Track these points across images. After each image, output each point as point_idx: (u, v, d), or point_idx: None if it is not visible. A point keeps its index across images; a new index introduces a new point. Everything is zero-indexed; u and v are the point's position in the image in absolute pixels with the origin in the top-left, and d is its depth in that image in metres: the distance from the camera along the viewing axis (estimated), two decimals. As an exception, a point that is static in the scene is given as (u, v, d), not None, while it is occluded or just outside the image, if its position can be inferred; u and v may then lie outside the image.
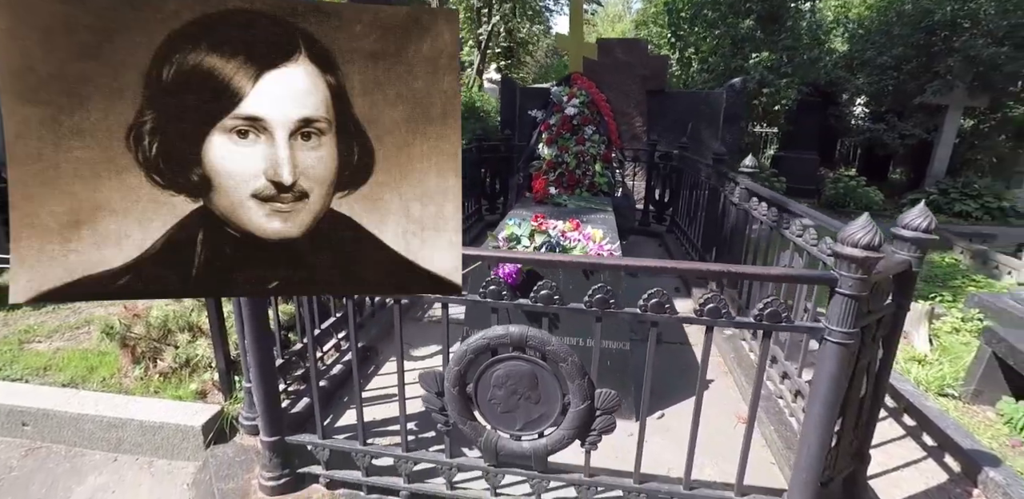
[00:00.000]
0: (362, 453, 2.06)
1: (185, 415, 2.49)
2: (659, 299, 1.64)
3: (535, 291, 1.73)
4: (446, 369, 1.83)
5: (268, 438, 2.07)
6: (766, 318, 1.60)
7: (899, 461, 2.66)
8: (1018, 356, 2.80)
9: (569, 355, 1.72)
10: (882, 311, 1.74)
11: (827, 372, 1.58)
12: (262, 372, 2.01)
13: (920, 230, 1.70)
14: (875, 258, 1.44)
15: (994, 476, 2.39)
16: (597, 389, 1.77)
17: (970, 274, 5.58)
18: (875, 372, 1.88)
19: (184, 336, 2.95)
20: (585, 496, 1.92)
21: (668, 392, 2.99)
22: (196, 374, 2.91)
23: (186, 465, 2.46)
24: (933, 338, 3.88)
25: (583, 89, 5.48)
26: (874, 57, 9.91)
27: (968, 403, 3.09)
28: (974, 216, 8.04)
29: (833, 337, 1.55)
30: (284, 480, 2.11)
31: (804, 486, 1.73)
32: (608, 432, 1.81)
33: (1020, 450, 2.67)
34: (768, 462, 2.49)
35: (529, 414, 1.83)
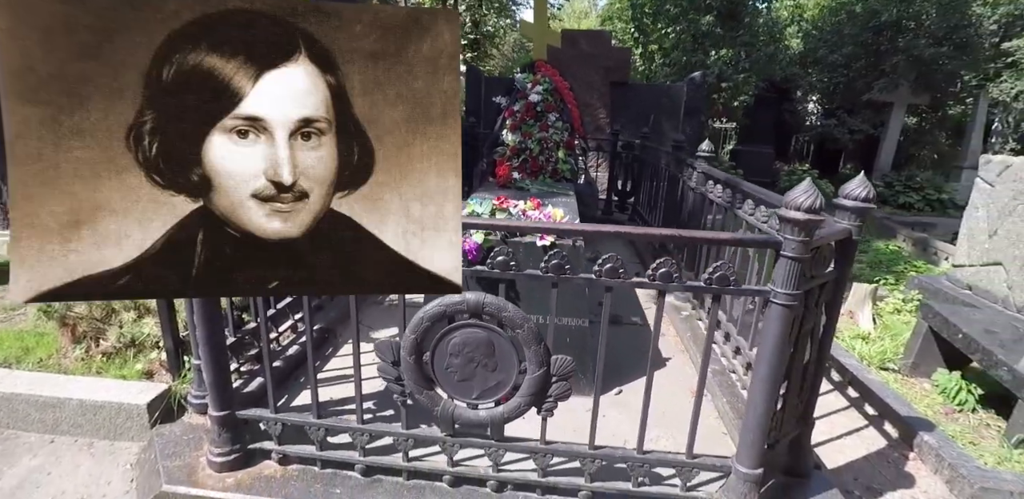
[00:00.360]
0: (316, 426, 2.02)
1: (129, 394, 2.39)
2: (613, 264, 1.66)
3: (491, 258, 1.72)
4: (402, 337, 1.81)
5: (217, 412, 2.01)
6: (715, 281, 1.64)
7: (843, 430, 2.79)
8: (951, 328, 2.96)
9: (525, 321, 1.72)
10: (824, 277, 1.81)
11: (773, 333, 1.63)
12: (211, 345, 1.94)
13: (860, 199, 1.77)
14: (816, 220, 1.49)
15: (928, 439, 2.52)
16: (553, 356, 1.78)
17: (912, 260, 5.86)
18: (819, 338, 1.96)
19: (129, 315, 2.83)
20: (542, 464, 1.94)
21: (626, 370, 3.04)
22: (142, 354, 2.80)
23: (129, 446, 2.37)
24: (876, 318, 4.07)
25: (547, 76, 5.49)
26: (826, 55, 10.28)
27: (907, 376, 3.25)
28: (916, 207, 8.46)
29: (778, 299, 1.60)
30: (234, 456, 2.05)
31: (751, 446, 1.79)
32: (564, 398, 1.83)
33: (952, 416, 2.83)
34: (720, 432, 2.56)
35: (486, 382, 1.83)
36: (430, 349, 1.81)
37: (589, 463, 1.91)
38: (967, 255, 4.10)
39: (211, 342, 1.95)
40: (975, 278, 4.02)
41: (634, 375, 3.04)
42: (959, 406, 2.91)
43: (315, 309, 3.49)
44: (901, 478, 2.45)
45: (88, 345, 2.80)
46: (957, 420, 2.82)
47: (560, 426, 2.31)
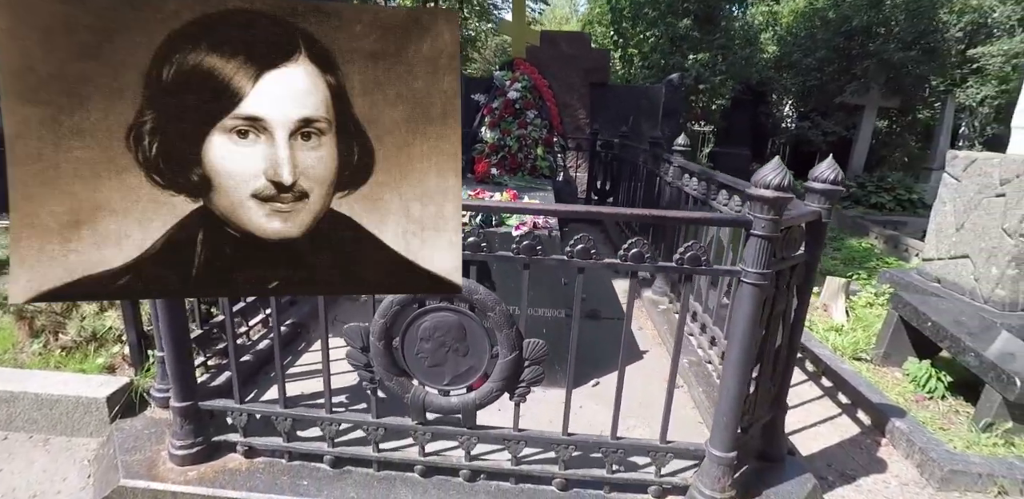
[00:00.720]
0: (283, 417, 1.97)
1: (88, 387, 2.30)
2: (585, 245, 1.65)
3: (463, 239, 1.69)
4: (371, 322, 1.77)
5: (179, 403, 1.94)
6: (687, 261, 1.63)
7: (817, 418, 2.81)
8: (920, 317, 3.00)
9: (497, 304, 1.70)
10: (795, 259, 1.82)
11: (743, 313, 1.63)
12: (173, 331, 1.88)
13: (828, 182, 1.78)
14: (785, 197, 1.49)
15: (899, 425, 2.55)
16: (525, 339, 1.76)
17: (884, 257, 5.97)
18: (790, 321, 1.96)
19: (91, 307, 2.74)
20: (515, 452, 1.91)
21: (603, 362, 3.03)
22: (104, 348, 2.70)
23: (88, 442, 2.28)
24: (849, 311, 4.12)
25: (525, 74, 5.49)
26: (800, 59, 10.48)
27: (879, 365, 3.29)
28: (888, 207, 8.63)
29: (749, 278, 1.60)
30: (196, 449, 1.98)
31: (724, 429, 1.78)
32: (537, 383, 1.81)
33: (923, 404, 2.87)
34: (696, 422, 2.56)
35: (457, 367, 1.80)
36: (400, 334, 1.78)
37: (563, 450, 1.89)
38: (935, 249, 4.18)
39: (173, 328, 1.88)
40: (943, 271, 4.10)
41: (612, 367, 3.03)
42: (929, 394, 2.94)
43: (288, 304, 3.42)
44: (873, 463, 2.47)
45: (47, 339, 2.70)
46: (927, 407, 2.86)
47: (535, 417, 2.29)
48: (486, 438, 1.92)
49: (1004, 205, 3.62)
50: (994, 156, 3.75)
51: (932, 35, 9.74)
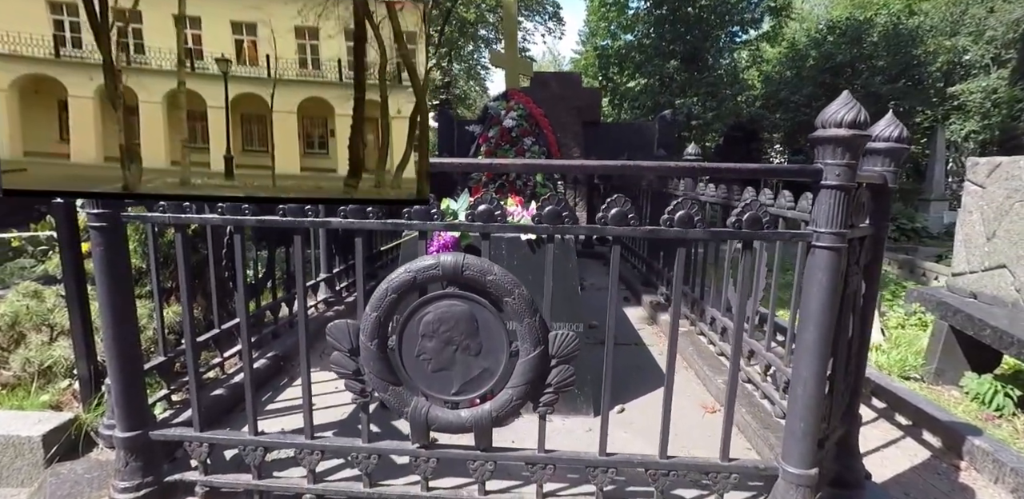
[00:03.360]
0: (253, 446, 1.59)
1: (23, 425, 1.92)
2: (621, 208, 1.37)
3: (471, 208, 1.41)
4: (362, 317, 1.45)
5: (124, 433, 1.57)
6: (746, 224, 1.35)
7: (879, 442, 2.43)
8: (976, 324, 2.70)
9: (516, 286, 1.39)
10: (863, 231, 1.54)
11: (820, 286, 1.33)
12: (118, 343, 1.54)
13: (893, 140, 1.54)
14: (863, 135, 1.24)
15: (980, 444, 2.18)
16: (552, 331, 1.43)
17: (900, 282, 5.71)
18: (860, 308, 1.66)
19: (39, 337, 2.38)
20: (539, 477, 1.53)
21: (626, 389, 2.72)
22: (52, 384, 2.32)
23: (17, 493, 1.86)
24: (884, 329, 3.80)
25: (520, 103, 5.43)
26: (788, 97, 10.70)
27: (931, 384, 2.94)
28: (892, 237, 8.49)
29: (822, 241, 1.32)
30: (145, 491, 1.58)
31: (801, 439, 1.42)
32: (566, 387, 1.46)
33: (994, 423, 2.50)
34: (744, 447, 2.18)
35: (468, 371, 1.46)
36: (397, 332, 1.45)
37: (602, 474, 1.51)
38: (966, 261, 3.92)
39: (118, 339, 1.54)
40: (979, 284, 3.81)
41: (636, 393, 2.71)
42: (997, 412, 2.59)
43: (271, 336, 3.07)
44: (958, 491, 2.08)
45: (-15, 375, 2.32)
46: (1000, 426, 2.49)
47: (557, 442, 1.93)
48: (505, 463, 1.54)
49: (1038, 208, 3.40)
50: (1020, 158, 3.58)
51: (916, 68, 10.01)
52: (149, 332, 2.46)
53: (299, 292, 1.60)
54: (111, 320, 1.53)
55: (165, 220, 1.53)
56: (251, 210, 1.49)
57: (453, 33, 15.23)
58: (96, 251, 1.49)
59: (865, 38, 10.04)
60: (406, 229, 1.44)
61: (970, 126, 11.98)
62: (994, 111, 11.54)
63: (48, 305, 2.50)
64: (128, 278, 1.57)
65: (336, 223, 1.45)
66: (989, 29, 12.25)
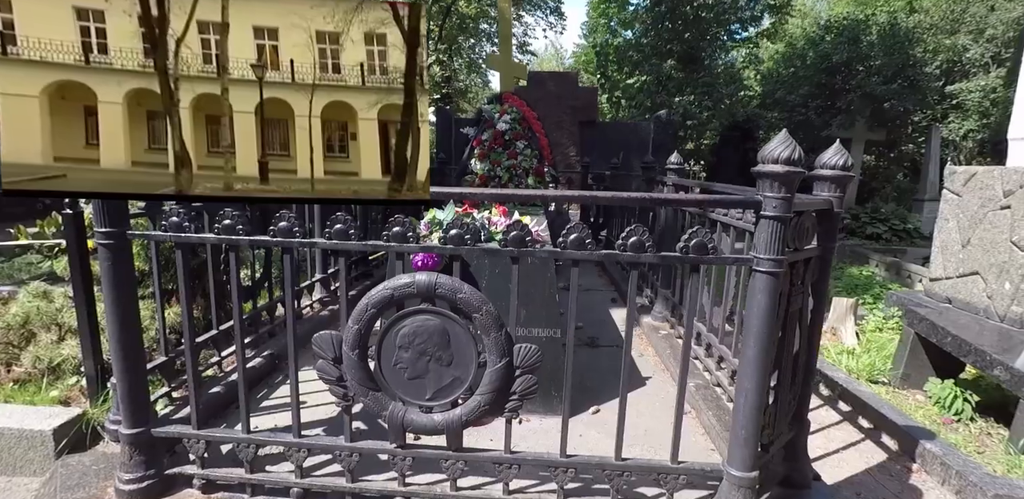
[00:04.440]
0: (245, 443, 1.74)
1: (35, 419, 2.07)
2: (579, 234, 1.50)
3: (444, 232, 1.55)
4: (344, 329, 1.59)
5: (129, 430, 1.72)
6: (692, 250, 1.49)
7: (839, 443, 2.57)
8: (939, 332, 2.83)
9: (483, 304, 1.53)
10: (808, 253, 1.67)
11: (759, 306, 1.47)
12: (124, 346, 1.68)
13: (838, 168, 1.66)
14: (796, 172, 1.36)
15: (931, 448, 2.32)
16: (517, 344, 1.57)
17: (886, 284, 5.83)
18: (807, 325, 1.79)
19: (49, 336, 2.53)
20: (505, 477, 1.68)
21: (603, 390, 2.84)
22: (61, 380, 2.48)
23: (30, 481, 2.02)
24: (859, 334, 3.93)
25: (514, 106, 5.53)
26: (784, 96, 10.75)
27: (897, 388, 3.08)
28: (884, 238, 8.58)
29: (762, 267, 1.45)
30: (147, 482, 1.74)
31: (743, 444, 1.57)
32: (529, 395, 1.61)
33: (951, 427, 2.64)
34: (708, 449, 2.33)
35: (440, 379, 1.60)
36: (376, 343, 1.59)
37: (562, 474, 1.66)
38: (943, 267, 4.04)
39: (124, 341, 1.69)
40: (953, 290, 3.94)
41: (612, 396, 2.83)
42: (956, 416, 2.73)
43: (267, 335, 3.21)
44: (908, 491, 2.22)
45: (-2, 371, 2.48)
46: (956, 430, 2.63)
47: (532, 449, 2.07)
48: (475, 463, 1.69)
49: (1011, 217, 3.51)
50: (994, 169, 3.69)
51: (912, 69, 10.05)
52: (152, 332, 2.61)
53: (287, 307, 1.74)
54: (117, 327, 1.67)
55: (166, 239, 1.67)
56: (244, 230, 1.62)
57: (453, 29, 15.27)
58: (104, 266, 1.63)
59: (863, 38, 10.07)
60: (385, 251, 1.57)
61: (968, 125, 12.02)
62: (993, 110, 11.57)
63: (56, 305, 2.65)
64: (132, 288, 1.71)
65: (322, 244, 1.59)
66: (989, 27, 12.25)
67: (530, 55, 22.67)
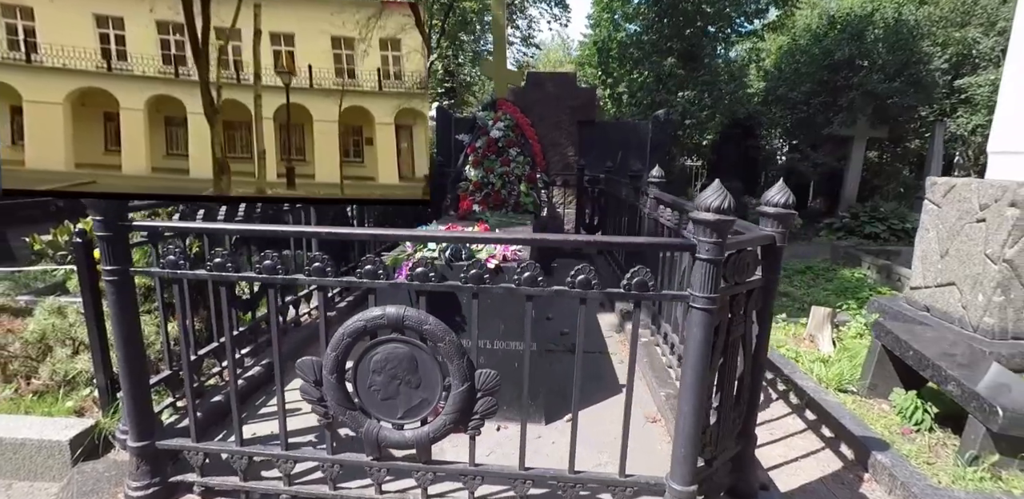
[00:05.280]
0: (238, 455, 1.94)
1: (53, 430, 2.28)
2: (532, 273, 1.66)
3: (411, 269, 1.71)
4: (323, 356, 1.77)
5: (136, 443, 1.92)
6: (634, 287, 1.64)
7: (799, 452, 2.72)
8: (902, 346, 2.95)
9: (447, 334, 1.70)
10: (750, 284, 1.82)
11: (695, 339, 1.62)
12: (130, 368, 1.88)
13: (780, 205, 1.80)
14: (726, 221, 1.51)
15: (881, 459, 2.47)
16: (478, 370, 1.74)
17: (876, 287, 5.92)
18: (751, 349, 1.94)
19: (64, 350, 2.74)
20: (471, 487, 1.86)
21: (582, 397, 2.97)
22: (75, 392, 2.69)
23: (49, 486, 2.24)
24: (837, 341, 4.06)
25: (508, 113, 5.65)
26: (786, 93, 10.74)
27: (865, 397, 3.21)
28: (882, 237, 8.62)
29: (697, 304, 1.60)
30: (153, 490, 1.94)
31: (683, 461, 1.73)
32: (490, 415, 1.78)
33: (910, 437, 2.78)
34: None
35: (410, 400, 1.78)
36: (352, 367, 1.77)
37: (520, 485, 1.83)
38: (922, 276, 4.15)
39: (129, 363, 1.88)
40: (931, 299, 4.05)
41: (589, 402, 2.99)
42: (916, 426, 2.86)
43: (266, 344, 3.41)
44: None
45: (18, 384, 2.69)
46: (914, 440, 2.77)
47: (507, 455, 2.23)
48: (443, 474, 1.87)
49: (985, 230, 3.61)
50: (972, 181, 3.78)
51: (915, 66, 9.99)
52: (158, 346, 2.81)
53: (273, 337, 1.92)
54: (124, 351, 1.86)
55: (164, 275, 1.85)
56: (233, 267, 1.80)
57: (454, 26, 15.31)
58: (111, 299, 1.82)
59: (867, 34, 10.01)
60: (357, 287, 1.73)
61: (976, 120, 11.89)
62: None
63: (70, 321, 2.85)
64: (135, 317, 1.90)
65: (302, 280, 1.76)
66: (1001, 20, 12.07)
67: (535, 48, 22.59)
